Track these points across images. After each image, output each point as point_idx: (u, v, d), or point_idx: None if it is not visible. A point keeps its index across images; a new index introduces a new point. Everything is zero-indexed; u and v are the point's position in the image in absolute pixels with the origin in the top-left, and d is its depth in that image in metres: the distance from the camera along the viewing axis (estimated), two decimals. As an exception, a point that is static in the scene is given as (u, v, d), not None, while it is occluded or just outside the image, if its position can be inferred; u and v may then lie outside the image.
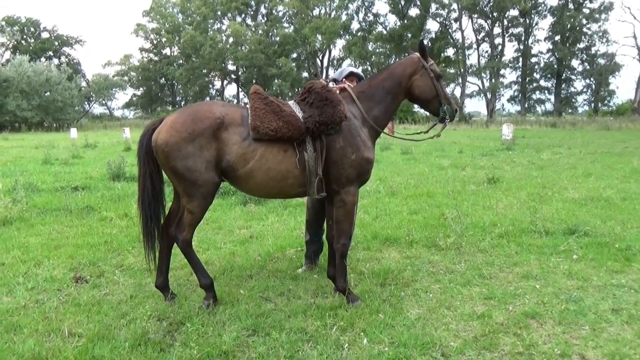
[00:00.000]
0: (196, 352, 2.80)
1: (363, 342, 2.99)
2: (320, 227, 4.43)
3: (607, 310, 3.39)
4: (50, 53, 58.68)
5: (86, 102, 59.24)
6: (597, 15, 46.43)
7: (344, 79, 4.20)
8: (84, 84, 57.28)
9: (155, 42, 62.88)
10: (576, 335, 3.06)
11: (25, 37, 57.37)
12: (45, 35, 58.83)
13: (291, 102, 3.65)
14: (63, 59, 60.05)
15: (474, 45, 51.33)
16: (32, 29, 57.99)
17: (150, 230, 3.59)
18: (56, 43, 59.18)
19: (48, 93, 44.27)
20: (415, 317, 3.34)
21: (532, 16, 48.89)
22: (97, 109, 64.66)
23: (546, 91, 52.04)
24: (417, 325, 3.21)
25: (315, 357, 2.81)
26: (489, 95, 48.92)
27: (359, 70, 4.36)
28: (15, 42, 55.48)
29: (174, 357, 2.81)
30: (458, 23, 50.25)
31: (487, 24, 50.14)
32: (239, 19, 59.64)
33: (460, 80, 51.14)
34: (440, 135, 4.15)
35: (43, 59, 51.95)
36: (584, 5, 47.04)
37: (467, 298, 3.67)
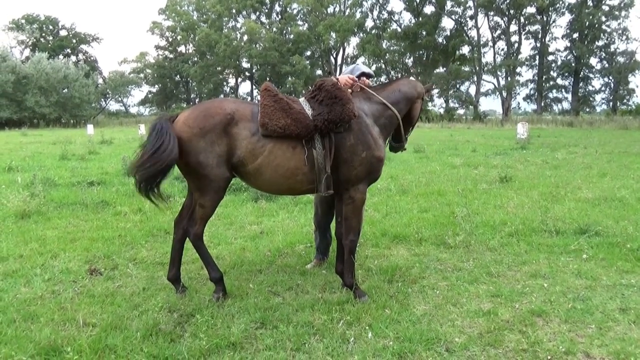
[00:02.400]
0: (205, 343, 2.88)
1: (368, 336, 3.03)
2: (328, 215, 4.44)
3: (615, 310, 3.38)
4: (68, 50, 59.65)
5: (103, 99, 60.23)
6: (616, 12, 45.42)
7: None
8: (100, 81, 58.25)
9: (170, 39, 63.46)
10: (582, 333, 3.07)
11: (44, 34, 58.42)
12: (63, 33, 59.83)
13: (301, 99, 3.69)
14: (80, 56, 61.08)
15: (490, 43, 50.70)
16: (51, 27, 59.01)
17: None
18: (74, 41, 60.14)
19: (66, 90, 45.12)
20: (421, 313, 3.37)
21: (550, 13, 48.10)
22: (113, 106, 65.72)
23: (563, 90, 51.17)
24: (422, 321, 3.24)
25: (321, 350, 2.87)
26: (504, 94, 48.31)
27: (370, 70, 4.34)
28: (35, 40, 56.54)
29: (184, 347, 2.88)
30: (474, 20, 49.67)
31: (504, 22, 49.49)
32: (253, 16, 59.86)
33: (475, 78, 50.57)
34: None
35: (61, 57, 52.96)
36: (603, 2, 46.14)
37: (474, 295, 3.69)
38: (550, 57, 50.38)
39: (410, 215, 6.21)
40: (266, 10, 60.60)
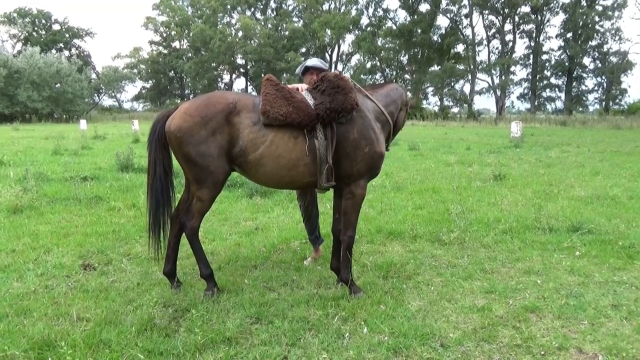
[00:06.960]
0: (200, 337, 2.87)
1: (363, 331, 3.04)
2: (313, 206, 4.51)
3: (607, 306, 3.41)
4: (61, 45, 59.05)
5: (96, 94, 59.72)
6: (610, 13, 45.71)
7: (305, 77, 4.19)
8: (93, 76, 57.69)
9: (164, 35, 63.06)
10: (575, 329, 3.09)
11: (36, 28, 57.79)
12: (56, 27, 59.23)
13: (304, 91, 3.68)
14: (73, 50, 60.51)
15: (484, 42, 50.96)
16: (44, 21, 58.36)
17: (159, 219, 3.61)
18: (67, 35, 59.56)
19: (58, 85, 44.66)
20: (416, 309, 3.38)
21: (544, 13, 48.33)
22: (106, 101, 65.24)
23: (557, 89, 51.50)
24: (417, 317, 3.26)
25: (316, 345, 2.87)
26: (498, 93, 48.52)
27: (318, 63, 4.17)
28: (27, 34, 55.93)
29: (179, 342, 2.87)
30: (469, 19, 49.83)
31: (498, 20, 49.68)
32: (248, 12, 59.64)
33: (469, 76, 50.75)
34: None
35: (54, 51, 52.33)
36: (597, 2, 46.40)
37: (468, 291, 3.71)
38: (544, 57, 50.69)
39: (405, 212, 6.23)
40: (261, 7, 60.40)
